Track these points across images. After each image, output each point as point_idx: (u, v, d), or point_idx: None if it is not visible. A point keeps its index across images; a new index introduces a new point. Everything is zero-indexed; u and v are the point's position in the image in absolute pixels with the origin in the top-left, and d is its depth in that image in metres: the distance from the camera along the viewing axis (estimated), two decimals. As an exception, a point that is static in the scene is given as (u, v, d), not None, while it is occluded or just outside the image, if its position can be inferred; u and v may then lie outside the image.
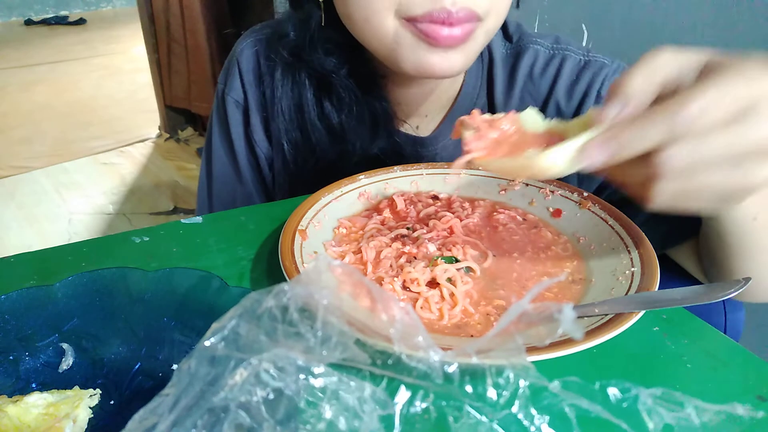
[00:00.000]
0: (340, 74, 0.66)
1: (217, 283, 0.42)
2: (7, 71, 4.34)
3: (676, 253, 0.63)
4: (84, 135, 3.22)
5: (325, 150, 0.70)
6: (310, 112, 0.69)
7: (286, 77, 0.69)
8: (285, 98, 0.70)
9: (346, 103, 0.68)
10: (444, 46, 0.54)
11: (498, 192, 0.61)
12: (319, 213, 0.55)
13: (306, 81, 0.68)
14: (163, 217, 2.41)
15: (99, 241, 0.55)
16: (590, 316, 0.39)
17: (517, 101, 0.72)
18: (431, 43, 0.54)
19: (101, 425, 0.36)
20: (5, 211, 2.45)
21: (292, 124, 0.70)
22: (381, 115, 0.68)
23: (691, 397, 0.28)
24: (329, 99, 0.68)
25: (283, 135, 0.71)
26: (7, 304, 0.40)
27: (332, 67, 0.66)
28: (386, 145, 0.70)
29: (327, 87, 0.68)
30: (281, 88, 0.69)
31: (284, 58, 0.68)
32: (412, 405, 0.29)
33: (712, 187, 0.35)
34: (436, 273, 0.46)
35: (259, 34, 0.75)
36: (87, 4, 6.59)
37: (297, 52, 0.67)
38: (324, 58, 0.66)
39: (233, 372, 0.26)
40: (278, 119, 0.71)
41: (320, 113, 0.69)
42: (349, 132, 0.69)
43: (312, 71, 0.68)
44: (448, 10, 0.51)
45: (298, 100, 0.69)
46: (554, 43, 0.72)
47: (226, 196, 0.79)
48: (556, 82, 0.70)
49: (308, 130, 0.70)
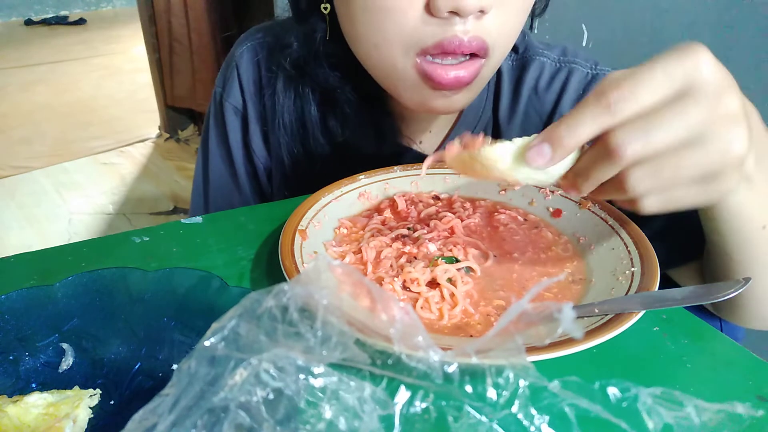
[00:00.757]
0: (344, 90, 0.65)
1: (217, 283, 0.42)
2: (7, 71, 4.34)
3: (679, 275, 0.61)
4: (84, 135, 3.22)
5: (327, 164, 0.69)
6: (313, 127, 0.67)
7: (288, 90, 0.68)
8: (287, 112, 0.68)
9: (350, 118, 0.66)
10: (449, 88, 0.53)
11: (498, 192, 0.61)
12: (319, 213, 0.55)
13: (309, 95, 0.67)
14: (163, 217, 2.41)
15: (99, 241, 0.55)
16: (590, 316, 0.39)
17: (521, 116, 0.70)
18: (436, 87, 0.53)
19: (101, 425, 0.36)
20: (5, 211, 2.45)
21: (294, 138, 0.69)
22: (385, 131, 0.67)
23: (690, 397, 0.28)
24: (333, 114, 0.67)
25: (284, 149, 0.70)
26: (7, 304, 0.40)
27: (336, 83, 0.64)
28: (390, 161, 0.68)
29: (331, 102, 0.67)
30: (283, 101, 0.68)
31: (286, 70, 0.66)
32: (411, 405, 0.29)
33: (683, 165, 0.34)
34: (436, 273, 0.46)
35: (260, 39, 0.73)
36: (87, 4, 6.59)
37: (300, 65, 0.65)
38: (328, 73, 0.64)
39: (233, 372, 0.26)
40: (280, 133, 0.69)
41: (323, 128, 0.68)
42: (353, 147, 0.67)
43: (315, 85, 0.66)
44: (460, 39, 0.49)
45: (301, 114, 0.68)
46: (561, 55, 0.69)
47: (223, 203, 0.78)
48: (561, 96, 0.68)
49: (311, 144, 0.68)
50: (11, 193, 2.62)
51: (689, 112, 0.33)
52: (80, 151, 3.02)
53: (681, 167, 0.34)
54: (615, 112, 0.33)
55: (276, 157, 0.73)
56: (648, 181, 0.35)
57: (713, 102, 0.33)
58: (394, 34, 0.51)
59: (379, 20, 0.51)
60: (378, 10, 0.50)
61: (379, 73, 0.57)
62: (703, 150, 0.34)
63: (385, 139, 0.68)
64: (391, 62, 0.54)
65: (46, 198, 2.58)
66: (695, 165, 0.34)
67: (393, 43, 0.52)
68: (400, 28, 0.51)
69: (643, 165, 0.35)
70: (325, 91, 0.66)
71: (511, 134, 0.69)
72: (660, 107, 0.33)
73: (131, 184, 2.70)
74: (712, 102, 0.33)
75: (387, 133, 0.67)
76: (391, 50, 0.52)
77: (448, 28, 0.49)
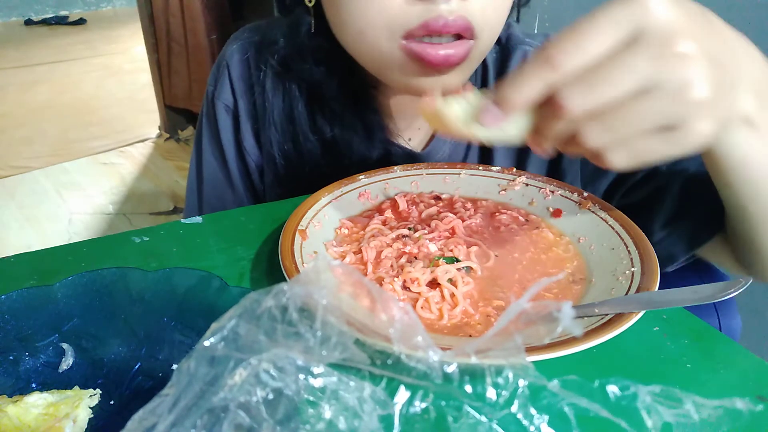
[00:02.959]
0: (330, 85, 0.65)
1: (217, 283, 0.42)
2: (7, 71, 4.34)
3: (709, 253, 0.58)
4: (84, 135, 3.22)
5: (318, 162, 0.69)
6: (302, 124, 0.67)
7: (276, 88, 0.68)
8: (276, 109, 0.68)
9: (338, 114, 0.66)
10: (439, 69, 0.53)
11: (498, 192, 0.61)
12: (319, 213, 0.55)
13: (297, 92, 0.67)
14: (163, 217, 2.41)
15: (99, 241, 0.55)
16: (590, 316, 0.39)
17: None
18: (426, 67, 0.52)
19: (101, 425, 0.36)
20: (5, 211, 2.45)
21: (285, 135, 0.69)
22: (374, 128, 0.67)
23: (689, 394, 0.28)
24: (321, 111, 0.67)
25: (275, 147, 0.70)
26: (7, 304, 0.40)
27: (322, 78, 0.64)
28: (380, 158, 0.68)
29: (318, 99, 0.67)
30: (272, 99, 0.68)
31: (274, 67, 0.66)
32: (411, 405, 0.29)
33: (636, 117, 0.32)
34: (437, 274, 0.46)
35: (250, 38, 0.73)
36: (87, 4, 6.59)
37: (287, 62, 0.65)
38: (314, 68, 0.64)
39: (233, 372, 0.26)
40: (270, 130, 0.69)
41: (312, 125, 0.68)
42: (342, 144, 0.67)
43: (302, 82, 0.66)
44: (445, 18, 0.50)
45: (290, 111, 0.68)
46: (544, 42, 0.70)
47: (216, 202, 0.78)
48: None
49: (300, 142, 0.68)
50: (11, 193, 2.62)
51: (635, 60, 0.31)
52: (80, 151, 3.02)
53: (633, 119, 0.32)
54: (557, 67, 0.32)
55: (267, 155, 0.73)
56: (603, 135, 0.33)
57: (663, 46, 0.31)
58: (379, 18, 0.51)
59: (363, 5, 0.51)
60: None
61: (367, 60, 0.56)
62: (655, 99, 0.32)
63: (374, 136, 0.67)
64: (377, 47, 0.53)
65: (46, 198, 2.58)
66: (649, 115, 0.32)
67: (377, 28, 0.52)
68: (384, 11, 0.50)
69: (596, 120, 0.33)
70: (312, 87, 0.66)
71: None
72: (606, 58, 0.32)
73: (131, 184, 2.70)
74: (662, 46, 0.31)
75: (376, 129, 0.67)
76: (376, 34, 0.52)
77: (433, 8, 0.49)
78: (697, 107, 0.32)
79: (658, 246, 0.59)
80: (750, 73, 0.36)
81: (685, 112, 0.32)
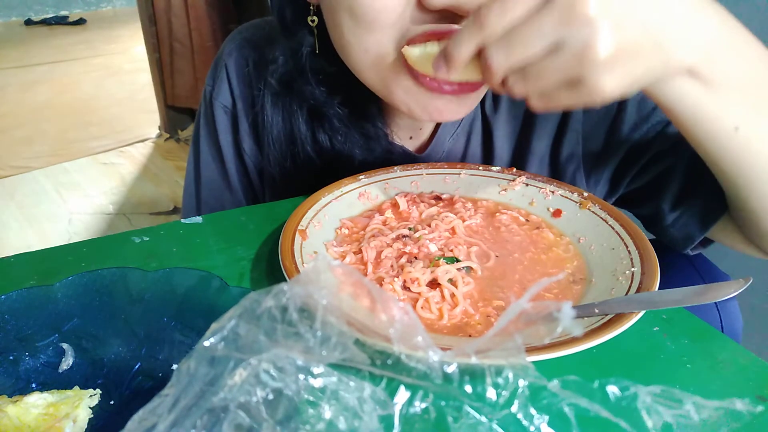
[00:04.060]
0: (332, 104, 0.63)
1: (217, 283, 0.42)
2: (7, 71, 4.34)
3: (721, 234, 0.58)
4: (84, 135, 3.22)
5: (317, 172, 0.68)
6: (303, 142, 0.67)
7: (276, 106, 0.67)
8: (275, 128, 0.67)
9: (340, 131, 0.65)
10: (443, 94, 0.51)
11: (498, 192, 0.61)
12: (320, 213, 0.55)
13: (297, 111, 0.66)
14: (163, 217, 2.41)
15: (99, 241, 0.55)
16: (590, 316, 0.39)
17: (507, 103, 0.68)
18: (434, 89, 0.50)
19: (101, 425, 0.36)
20: (5, 211, 2.45)
21: (284, 154, 0.69)
22: (376, 138, 0.66)
23: (689, 394, 0.28)
24: (322, 128, 0.66)
25: (273, 162, 0.69)
26: (7, 304, 0.40)
27: (324, 98, 0.63)
28: (380, 161, 0.68)
29: (319, 116, 0.65)
30: (272, 117, 0.67)
31: (273, 87, 0.65)
32: (411, 405, 0.29)
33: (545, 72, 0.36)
34: (437, 274, 0.46)
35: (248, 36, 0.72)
36: (87, 4, 6.60)
37: (287, 82, 0.64)
38: (316, 90, 0.63)
39: (233, 372, 0.26)
40: (269, 149, 0.69)
41: (313, 143, 0.67)
42: (343, 156, 0.67)
43: (303, 102, 0.65)
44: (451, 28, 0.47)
45: (290, 130, 0.67)
46: None
47: (215, 203, 0.77)
48: None
49: (300, 158, 0.68)
50: (11, 193, 2.61)
51: (544, 21, 0.35)
52: (80, 151, 3.02)
53: (543, 74, 0.37)
54: (484, 27, 0.37)
55: (266, 160, 0.72)
56: (521, 85, 0.39)
57: (569, 8, 0.34)
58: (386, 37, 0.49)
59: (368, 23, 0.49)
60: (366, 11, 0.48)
61: (373, 80, 0.54)
62: (560, 56, 0.35)
63: (375, 145, 0.67)
64: (384, 67, 0.51)
65: (46, 198, 2.58)
66: (555, 71, 0.36)
67: (385, 45, 0.50)
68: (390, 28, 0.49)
69: (516, 73, 0.38)
70: (313, 106, 0.65)
71: (499, 124, 0.68)
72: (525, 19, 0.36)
73: (131, 184, 2.70)
74: (569, 8, 0.34)
75: (377, 139, 0.67)
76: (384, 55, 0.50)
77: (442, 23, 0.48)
78: (597, 65, 0.35)
79: (673, 228, 0.60)
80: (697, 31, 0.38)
81: (586, 69, 0.35)
